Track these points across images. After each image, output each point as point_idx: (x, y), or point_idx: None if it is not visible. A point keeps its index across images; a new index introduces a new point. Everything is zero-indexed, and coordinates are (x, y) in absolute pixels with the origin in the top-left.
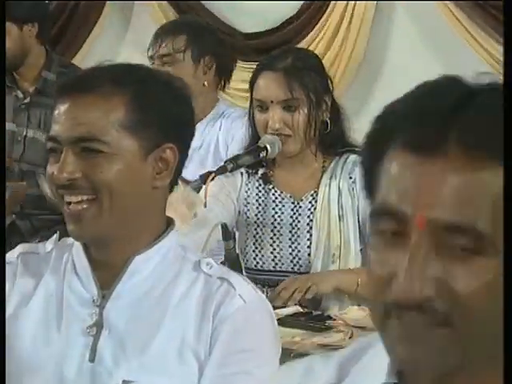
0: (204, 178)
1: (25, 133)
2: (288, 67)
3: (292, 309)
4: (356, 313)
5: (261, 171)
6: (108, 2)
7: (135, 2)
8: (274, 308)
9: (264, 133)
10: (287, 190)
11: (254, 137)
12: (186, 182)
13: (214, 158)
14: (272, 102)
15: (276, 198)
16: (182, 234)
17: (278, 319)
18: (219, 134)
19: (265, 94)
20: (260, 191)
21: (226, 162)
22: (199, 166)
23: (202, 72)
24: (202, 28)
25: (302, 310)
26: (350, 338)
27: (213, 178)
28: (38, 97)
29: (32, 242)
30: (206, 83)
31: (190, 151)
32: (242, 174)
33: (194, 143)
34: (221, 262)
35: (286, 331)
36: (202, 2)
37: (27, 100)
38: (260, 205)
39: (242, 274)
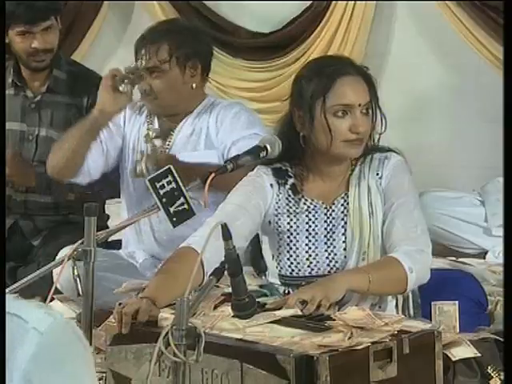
0: (204, 179)
1: (37, 132)
2: (362, 72)
3: (291, 311)
4: (356, 313)
5: (290, 181)
6: (106, 1)
7: (135, 1)
8: (274, 309)
9: (340, 140)
10: (318, 197)
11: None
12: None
13: (205, 142)
14: (360, 105)
15: (308, 206)
16: (200, 238)
17: (278, 319)
18: (209, 120)
19: (353, 98)
20: (290, 201)
21: (226, 161)
22: (193, 151)
23: (190, 75)
24: (181, 31)
25: (300, 313)
26: (349, 338)
27: (213, 179)
28: (48, 95)
29: (33, 242)
30: (194, 85)
31: (183, 139)
32: (271, 185)
33: (186, 131)
34: (221, 262)
35: (285, 331)
36: (205, 2)
37: (38, 98)
38: (291, 213)
39: (242, 274)
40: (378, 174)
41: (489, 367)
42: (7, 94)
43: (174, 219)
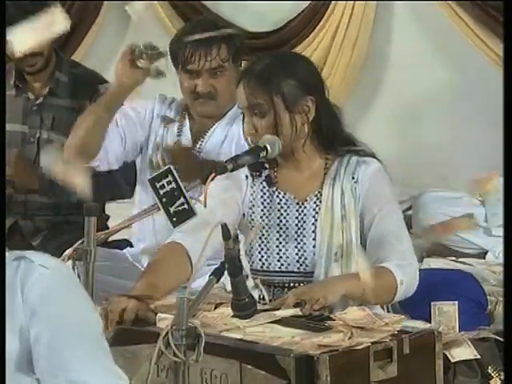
0: (204, 178)
1: (38, 134)
2: (255, 74)
3: (291, 310)
4: (356, 313)
5: (264, 173)
6: (106, 1)
7: (135, 2)
8: (273, 309)
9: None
10: (291, 191)
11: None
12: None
13: (235, 152)
14: (243, 107)
15: (280, 199)
16: (184, 233)
17: (278, 319)
18: (240, 129)
19: (238, 102)
20: (265, 193)
21: (226, 161)
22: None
23: (237, 74)
24: (231, 32)
25: (301, 313)
26: (349, 338)
27: (213, 179)
28: (50, 98)
29: (33, 242)
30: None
31: (215, 145)
32: (246, 176)
33: (218, 136)
34: (221, 262)
35: (285, 331)
36: (204, 2)
37: (39, 101)
38: (265, 207)
39: (242, 274)
40: (353, 178)
41: (489, 367)
42: (9, 95)
43: (174, 219)
